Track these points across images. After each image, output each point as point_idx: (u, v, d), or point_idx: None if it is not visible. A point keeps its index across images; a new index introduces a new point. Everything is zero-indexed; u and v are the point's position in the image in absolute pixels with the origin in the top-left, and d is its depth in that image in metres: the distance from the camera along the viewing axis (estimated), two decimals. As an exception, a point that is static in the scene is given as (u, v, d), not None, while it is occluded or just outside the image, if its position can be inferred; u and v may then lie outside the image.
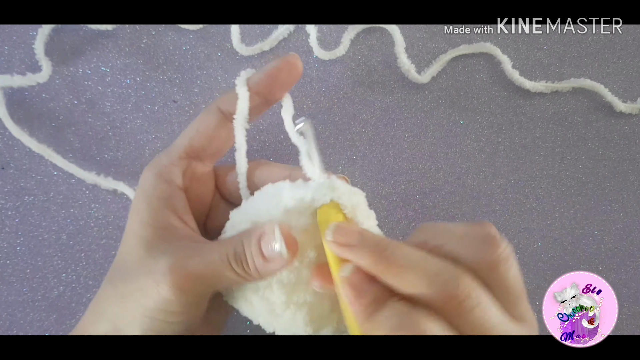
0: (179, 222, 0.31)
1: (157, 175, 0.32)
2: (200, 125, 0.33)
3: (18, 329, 0.40)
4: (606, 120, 0.47)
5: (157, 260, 0.28)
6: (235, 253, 0.28)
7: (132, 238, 0.30)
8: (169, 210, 0.31)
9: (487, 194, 0.45)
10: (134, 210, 0.31)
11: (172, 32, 0.43)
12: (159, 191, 0.31)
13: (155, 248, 0.29)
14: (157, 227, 0.30)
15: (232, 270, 0.28)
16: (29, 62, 0.42)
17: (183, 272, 0.28)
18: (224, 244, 0.29)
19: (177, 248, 0.29)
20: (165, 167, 0.32)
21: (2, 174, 0.41)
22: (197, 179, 0.34)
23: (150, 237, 0.30)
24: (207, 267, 0.28)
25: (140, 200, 0.31)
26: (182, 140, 0.33)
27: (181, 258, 0.28)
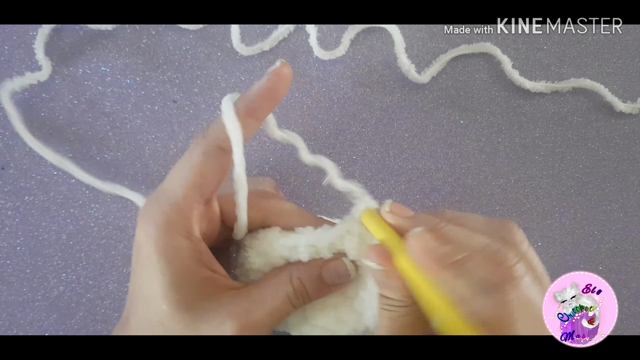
0: (212, 274, 0.29)
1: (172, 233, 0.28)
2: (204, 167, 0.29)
3: (18, 329, 0.40)
4: (606, 120, 0.47)
5: (217, 325, 0.27)
6: (296, 291, 0.30)
7: (165, 303, 0.27)
8: (199, 266, 0.29)
9: (487, 194, 0.45)
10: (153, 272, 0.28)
11: (172, 32, 0.43)
12: (183, 250, 0.29)
13: (200, 310, 0.28)
14: (191, 288, 0.28)
15: (293, 307, 0.30)
16: (29, 62, 0.42)
17: (252, 329, 0.28)
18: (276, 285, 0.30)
19: (228, 305, 0.28)
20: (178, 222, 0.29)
21: (2, 174, 0.41)
22: (205, 220, 0.31)
23: (189, 299, 0.28)
24: (272, 314, 0.29)
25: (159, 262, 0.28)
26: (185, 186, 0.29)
27: (244, 316, 0.28)
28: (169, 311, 0.28)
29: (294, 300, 0.30)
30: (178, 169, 0.30)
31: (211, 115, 0.43)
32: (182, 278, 0.28)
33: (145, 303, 0.28)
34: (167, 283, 0.28)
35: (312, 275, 0.30)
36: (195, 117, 0.43)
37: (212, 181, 0.30)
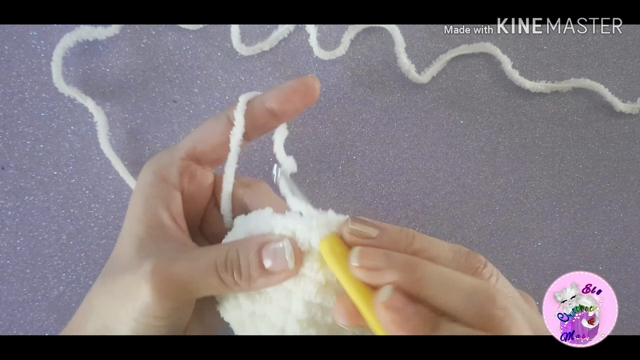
0: (172, 222, 0.31)
1: (156, 173, 0.32)
2: (206, 131, 0.33)
3: (18, 329, 0.40)
4: (606, 120, 0.47)
5: (143, 262, 0.28)
6: (227, 259, 0.27)
7: (126, 236, 0.30)
8: (163, 209, 0.31)
9: (487, 194, 0.45)
10: (131, 206, 0.31)
11: (172, 32, 0.43)
12: (156, 189, 0.31)
13: (145, 248, 0.29)
14: (149, 226, 0.30)
15: (217, 277, 0.27)
16: (29, 62, 0.42)
17: (164, 275, 0.27)
18: (213, 249, 0.29)
19: (164, 250, 0.29)
20: (164, 166, 0.32)
21: (2, 174, 0.41)
22: (194, 182, 0.33)
23: (142, 235, 0.30)
24: (191, 271, 0.27)
25: (137, 197, 0.31)
26: (185, 142, 0.33)
27: (165, 261, 0.27)
28: (125, 243, 0.30)
29: (221, 267, 0.27)
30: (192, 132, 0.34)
31: (211, 115, 0.43)
32: (145, 215, 0.30)
33: (120, 236, 0.31)
34: (135, 217, 0.30)
35: (249, 249, 0.28)
36: (195, 117, 0.43)
37: (210, 140, 0.33)
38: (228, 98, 0.43)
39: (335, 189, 0.44)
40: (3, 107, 0.41)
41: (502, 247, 0.45)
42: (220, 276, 0.27)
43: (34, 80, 0.42)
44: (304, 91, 0.32)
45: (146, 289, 0.27)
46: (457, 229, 0.45)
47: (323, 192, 0.44)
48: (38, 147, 0.41)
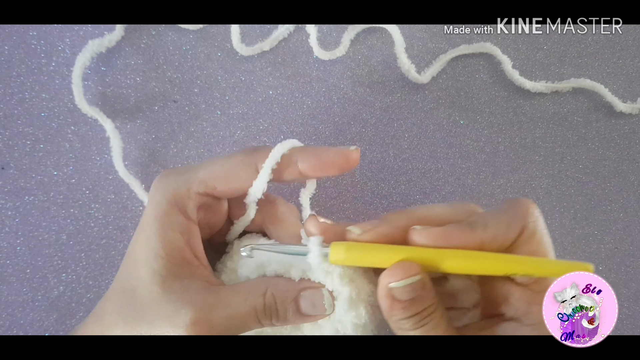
0: (194, 259, 0.30)
1: (172, 204, 0.29)
2: (230, 173, 0.30)
3: (18, 329, 0.40)
4: (606, 120, 0.47)
5: (179, 309, 0.27)
6: (266, 306, 0.28)
7: (144, 269, 0.28)
8: (184, 245, 0.29)
9: (487, 194, 0.45)
10: (145, 237, 0.29)
11: (172, 32, 0.43)
12: (174, 222, 0.29)
13: (172, 288, 0.28)
14: (171, 262, 0.28)
15: (257, 322, 0.28)
16: (29, 62, 0.42)
17: (207, 326, 0.27)
18: (249, 295, 0.28)
19: (195, 293, 0.28)
20: (181, 197, 0.30)
21: (2, 174, 0.41)
22: (209, 212, 0.32)
23: (165, 272, 0.28)
24: (232, 320, 0.28)
25: (151, 227, 0.29)
26: (205, 176, 0.30)
27: (205, 310, 0.27)
28: (145, 278, 0.28)
29: (261, 314, 0.28)
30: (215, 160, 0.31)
31: (211, 115, 0.43)
32: (165, 250, 0.29)
33: (129, 265, 0.29)
34: (152, 250, 0.28)
35: (287, 297, 0.28)
36: (195, 117, 0.43)
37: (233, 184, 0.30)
38: (228, 98, 0.44)
39: (335, 189, 0.44)
40: (3, 107, 0.41)
41: (502, 247, 0.45)
42: (260, 321, 0.28)
43: (34, 80, 0.42)
44: (342, 165, 0.30)
45: None
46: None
47: (323, 192, 0.44)
48: (38, 147, 0.41)
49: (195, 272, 0.29)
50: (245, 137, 0.43)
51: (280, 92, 0.44)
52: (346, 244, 0.27)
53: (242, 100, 0.44)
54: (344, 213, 0.43)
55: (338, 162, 0.29)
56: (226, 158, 0.31)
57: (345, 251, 0.27)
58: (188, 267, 0.29)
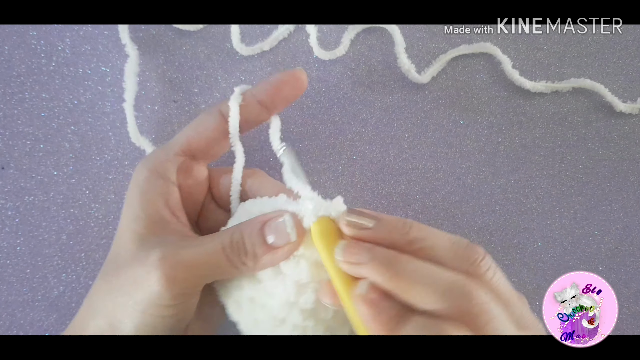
0: (172, 217, 0.31)
1: (152, 171, 0.32)
2: (199, 126, 0.34)
3: (18, 329, 0.40)
4: (606, 120, 0.47)
5: (149, 252, 0.28)
6: (232, 241, 0.28)
7: (125, 233, 0.30)
8: (162, 205, 0.31)
9: (487, 194, 0.45)
10: (128, 204, 0.31)
11: (172, 32, 0.43)
12: (153, 186, 0.31)
13: (147, 242, 0.29)
14: (150, 222, 0.30)
15: (226, 259, 0.28)
16: (29, 62, 0.42)
17: (174, 261, 0.27)
18: (218, 234, 0.29)
19: (169, 240, 0.29)
20: (160, 162, 0.32)
21: (2, 174, 0.41)
22: (190, 177, 0.34)
23: (143, 231, 0.30)
24: (200, 256, 0.28)
25: (133, 195, 0.31)
26: (179, 138, 0.33)
27: (173, 249, 0.28)
28: (125, 240, 0.30)
29: (229, 250, 0.28)
30: (185, 128, 0.34)
31: (211, 115, 0.43)
32: (144, 212, 0.30)
33: (117, 235, 0.31)
34: (132, 214, 0.30)
35: (253, 230, 0.29)
36: (195, 117, 0.43)
37: (204, 135, 0.33)
38: (228, 98, 0.43)
39: (335, 189, 0.44)
40: (3, 107, 0.41)
41: (502, 247, 0.45)
42: (228, 257, 0.28)
43: (34, 80, 0.42)
44: (292, 82, 0.33)
45: (155, 276, 0.27)
46: (457, 229, 0.45)
47: (323, 192, 0.44)
48: (38, 147, 0.41)
49: (172, 229, 0.30)
50: (245, 137, 0.43)
51: (280, 92, 0.44)
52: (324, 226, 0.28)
53: (242, 100, 0.44)
54: (344, 213, 0.43)
55: (287, 79, 0.33)
56: (194, 120, 0.34)
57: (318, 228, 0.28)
58: (166, 224, 0.30)
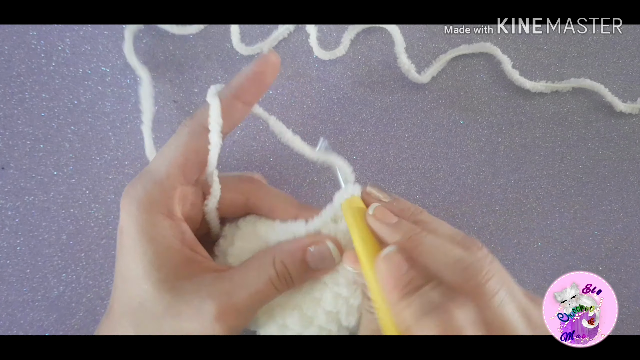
0: (195, 255, 0.30)
1: (155, 212, 0.29)
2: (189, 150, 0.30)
3: (18, 329, 0.40)
4: (606, 120, 0.47)
5: (200, 307, 0.27)
6: (279, 274, 0.29)
7: (147, 283, 0.27)
8: (181, 246, 0.29)
9: (487, 194, 0.45)
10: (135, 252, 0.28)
11: (172, 32, 0.43)
12: (164, 229, 0.29)
13: (183, 290, 0.27)
14: (174, 267, 0.28)
15: (275, 290, 0.29)
16: (29, 62, 0.42)
17: (233, 311, 0.27)
18: (259, 267, 0.29)
19: (209, 285, 0.28)
20: (161, 202, 0.29)
21: (2, 174, 0.41)
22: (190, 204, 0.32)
23: (171, 279, 0.27)
24: (254, 297, 0.28)
25: (140, 241, 0.28)
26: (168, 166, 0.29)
27: (225, 297, 0.28)
28: (151, 291, 0.27)
29: (277, 283, 0.29)
30: (164, 150, 0.30)
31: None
32: (163, 257, 0.28)
33: (127, 285, 0.28)
34: (148, 262, 0.28)
35: (295, 259, 0.29)
36: (195, 117, 0.43)
37: (196, 161, 0.30)
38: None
39: (336, 189, 0.44)
40: (3, 107, 0.41)
41: (502, 247, 0.45)
42: (277, 288, 0.29)
43: (34, 80, 0.42)
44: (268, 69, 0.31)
45: (218, 330, 0.27)
46: (457, 229, 0.45)
47: (323, 192, 0.44)
48: (38, 147, 0.41)
49: (201, 267, 0.29)
50: (245, 137, 0.43)
51: (280, 92, 0.44)
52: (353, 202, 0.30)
53: (242, 100, 0.44)
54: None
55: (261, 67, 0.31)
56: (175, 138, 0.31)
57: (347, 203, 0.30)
58: (192, 264, 0.29)
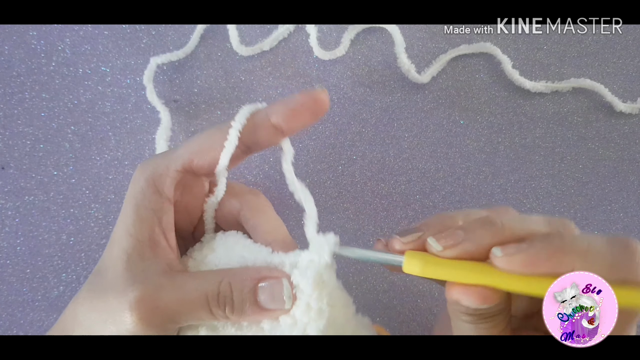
0: (162, 238, 0.29)
1: (149, 182, 0.30)
2: (205, 143, 0.30)
3: (18, 329, 0.40)
4: (606, 120, 0.47)
5: (130, 286, 0.27)
6: (220, 294, 0.27)
7: (115, 246, 0.29)
8: (154, 223, 0.29)
9: (487, 194, 0.45)
10: (123, 214, 0.29)
11: (172, 32, 0.43)
12: (148, 200, 0.29)
13: (132, 266, 0.28)
14: (138, 240, 0.28)
15: (208, 311, 0.27)
16: (29, 62, 0.42)
17: (151, 306, 0.26)
18: (203, 281, 0.28)
19: (152, 273, 0.28)
20: (159, 175, 0.30)
21: (2, 174, 0.41)
22: (189, 193, 0.32)
23: (131, 250, 0.28)
24: (179, 302, 0.27)
25: (129, 205, 0.29)
26: (183, 152, 0.30)
27: (153, 289, 0.27)
28: (114, 256, 0.28)
29: (213, 302, 0.27)
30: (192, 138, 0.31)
31: (211, 115, 0.43)
32: (135, 228, 0.28)
33: (109, 245, 0.29)
34: (125, 228, 0.28)
35: (245, 285, 0.27)
36: (195, 117, 0.43)
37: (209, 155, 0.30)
38: (228, 98, 0.44)
39: (335, 189, 0.44)
40: (3, 107, 0.41)
41: (502, 247, 0.45)
42: (211, 310, 0.27)
43: (34, 80, 0.42)
44: (312, 107, 0.29)
45: (130, 317, 0.26)
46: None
47: (323, 192, 0.44)
48: (38, 147, 0.41)
49: (159, 254, 0.29)
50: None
51: (280, 92, 0.44)
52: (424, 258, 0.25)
53: (242, 100, 0.44)
54: (344, 213, 0.43)
55: (306, 103, 0.29)
56: (202, 132, 0.31)
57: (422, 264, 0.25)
58: (154, 247, 0.29)
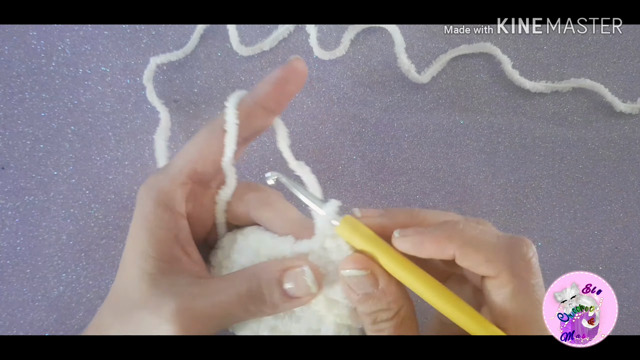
0: (183, 254, 0.30)
1: (158, 202, 0.29)
2: (203, 148, 0.30)
3: (18, 329, 0.40)
4: (606, 120, 0.47)
5: (163, 301, 0.27)
6: (250, 290, 0.27)
7: (133, 269, 0.28)
8: (172, 241, 0.29)
9: (487, 194, 0.45)
10: (134, 238, 0.29)
11: (172, 32, 0.43)
12: (162, 221, 0.29)
13: (159, 284, 0.28)
14: (159, 260, 0.28)
15: (243, 308, 0.28)
16: (29, 62, 0.42)
17: (190, 314, 0.27)
18: (233, 282, 0.28)
19: (182, 286, 0.28)
20: (166, 193, 0.30)
21: (2, 174, 0.41)
22: (199, 204, 0.32)
23: (153, 271, 0.28)
24: (217, 307, 0.27)
25: (140, 229, 0.29)
26: (182, 162, 0.30)
27: (188, 299, 0.27)
28: (134, 278, 0.28)
29: (246, 300, 0.27)
30: (185, 147, 0.31)
31: (211, 115, 0.43)
32: (153, 248, 0.29)
33: (123, 267, 0.29)
34: (140, 250, 0.29)
35: (271, 277, 0.28)
36: (195, 117, 0.43)
37: (211, 159, 0.30)
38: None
39: (335, 189, 0.44)
40: (3, 107, 0.41)
41: (502, 247, 0.45)
42: (245, 306, 0.28)
43: (34, 80, 0.42)
44: (292, 76, 0.30)
45: (170, 330, 0.26)
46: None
47: (323, 192, 0.44)
48: (38, 147, 0.41)
49: (183, 268, 0.29)
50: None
51: (280, 92, 0.44)
52: (355, 221, 0.28)
53: (242, 100, 0.44)
54: (343, 214, 0.43)
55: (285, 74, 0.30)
56: (194, 137, 0.31)
57: (350, 226, 0.28)
58: (177, 263, 0.29)
